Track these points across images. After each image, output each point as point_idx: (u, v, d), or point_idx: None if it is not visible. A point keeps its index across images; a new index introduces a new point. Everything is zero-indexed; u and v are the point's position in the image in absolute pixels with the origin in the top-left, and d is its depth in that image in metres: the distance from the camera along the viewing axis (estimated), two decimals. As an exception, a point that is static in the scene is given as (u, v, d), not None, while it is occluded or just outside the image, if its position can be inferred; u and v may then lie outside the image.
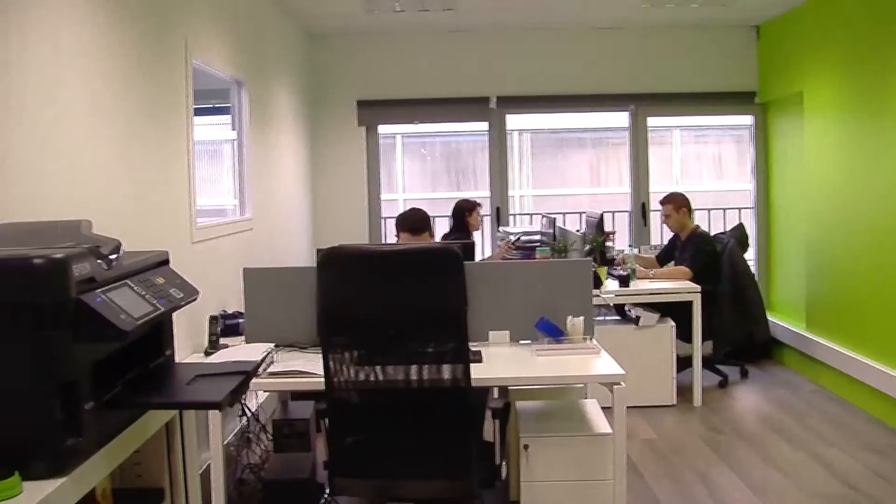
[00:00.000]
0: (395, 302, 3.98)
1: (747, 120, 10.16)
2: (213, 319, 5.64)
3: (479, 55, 9.70)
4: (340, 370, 4.03)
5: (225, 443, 4.72)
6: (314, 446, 5.27)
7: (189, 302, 3.09)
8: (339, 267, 4.04)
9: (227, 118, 7.15)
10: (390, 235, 8.31)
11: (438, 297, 3.95)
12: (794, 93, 8.92)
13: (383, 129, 10.23)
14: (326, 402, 4.12)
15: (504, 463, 5.01)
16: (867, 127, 7.44)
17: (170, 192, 5.29)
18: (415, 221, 6.49)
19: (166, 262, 3.17)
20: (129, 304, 2.63)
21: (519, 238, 8.44)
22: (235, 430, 5.34)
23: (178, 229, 5.40)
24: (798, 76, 8.81)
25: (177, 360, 3.30)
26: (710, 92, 9.82)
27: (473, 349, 4.51)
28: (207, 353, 5.47)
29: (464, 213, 8.55)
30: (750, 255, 9.52)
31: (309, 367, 4.45)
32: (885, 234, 7.16)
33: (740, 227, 9.07)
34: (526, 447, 4.58)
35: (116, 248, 2.80)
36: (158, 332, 3.10)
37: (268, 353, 4.68)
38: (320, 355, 4.05)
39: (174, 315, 3.10)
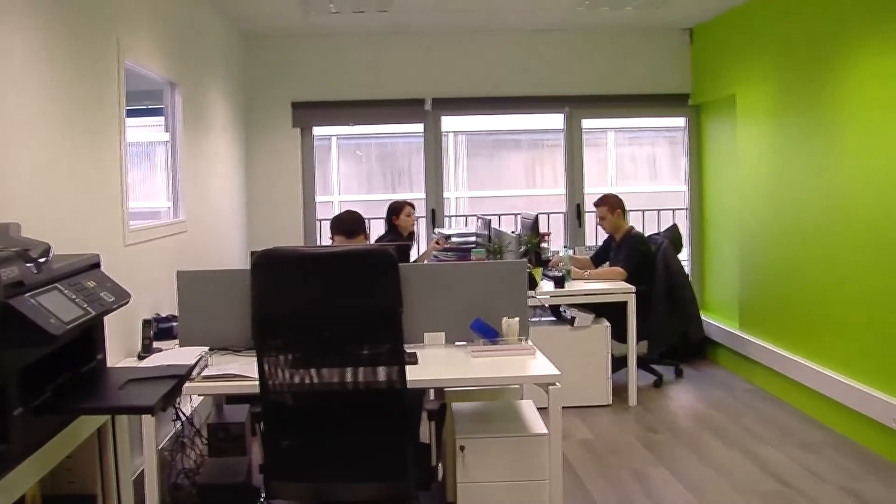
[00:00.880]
0: (329, 304, 3.96)
1: (681, 122, 10.25)
2: (146, 323, 5.59)
3: (414, 57, 9.69)
4: (275, 373, 4.00)
5: (159, 448, 4.67)
6: (250, 450, 5.23)
7: (121, 305, 3.06)
8: (272, 269, 4.01)
9: (160, 120, 7.08)
10: (326, 237, 8.27)
11: (373, 299, 3.94)
12: (726, 95, 9.02)
13: (318, 130, 10.17)
14: (261, 406, 4.08)
15: (440, 464, 5.01)
16: (798, 129, 7.54)
17: (102, 194, 5.22)
18: (349, 224, 6.46)
19: (97, 265, 3.14)
20: (59, 308, 2.60)
21: (449, 236, 8.44)
22: (170, 435, 5.29)
23: (110, 232, 5.33)
24: (731, 79, 8.91)
25: (109, 364, 3.27)
26: (645, 94, 9.90)
27: (409, 351, 4.50)
28: (141, 358, 5.42)
29: (391, 215, 8.52)
30: (684, 256, 9.61)
31: (243, 370, 4.42)
32: (815, 235, 7.26)
33: (674, 228, 9.15)
34: (462, 448, 4.59)
35: (46, 252, 2.76)
36: (89, 337, 3.07)
37: (201, 357, 4.64)
38: (255, 358, 4.02)
39: (106, 319, 3.07)
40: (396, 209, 8.51)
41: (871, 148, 6.47)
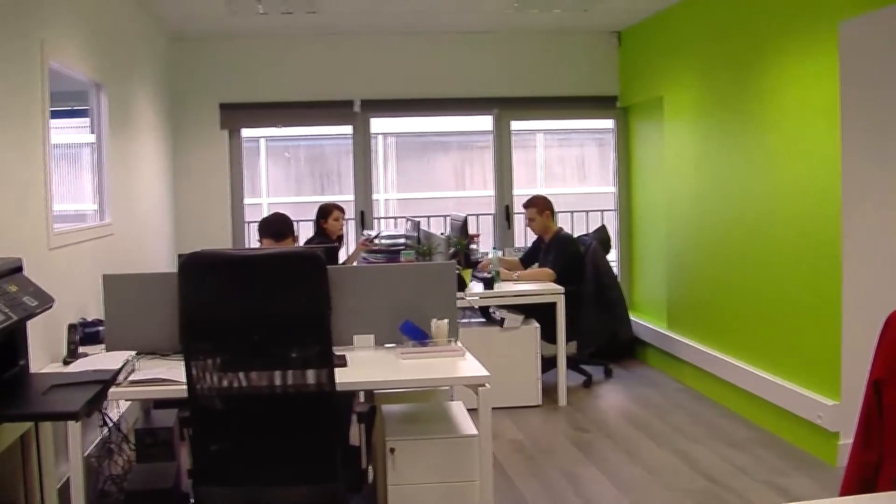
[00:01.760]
0: (257, 307, 3.94)
1: (609, 124, 10.32)
2: (71, 328, 5.50)
3: (343, 58, 9.65)
4: (203, 377, 3.97)
5: (85, 454, 4.62)
6: (178, 455, 5.18)
7: (44, 310, 3.01)
8: (200, 272, 3.98)
9: (86, 121, 6.99)
10: (254, 240, 8.22)
11: (301, 302, 3.93)
12: (654, 98, 9.11)
13: (247, 132, 10.11)
14: (190, 410, 4.05)
15: (370, 467, 5.01)
16: (723, 131, 7.64)
17: (25, 196, 5.14)
18: (277, 227, 6.42)
19: (19, 269, 3.10)
20: (-21, 314, 2.56)
21: (378, 235, 8.43)
22: (96, 441, 5.23)
23: (33, 235, 5.25)
24: (658, 81, 9.00)
25: (33, 370, 3.22)
26: (573, 96, 9.95)
27: (338, 353, 4.49)
28: (66, 363, 5.33)
29: (319, 217, 8.48)
30: (612, 257, 9.69)
31: (171, 374, 4.37)
32: (740, 236, 7.35)
33: (603, 229, 9.23)
34: (392, 450, 4.58)
35: (-34, 256, 2.72)
36: (11, 342, 3.02)
37: (128, 362, 4.59)
38: (183, 362, 3.98)
39: (29, 324, 3.03)
40: (325, 212, 8.47)
41: (792, 149, 6.57)
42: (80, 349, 5.50)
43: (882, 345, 3.20)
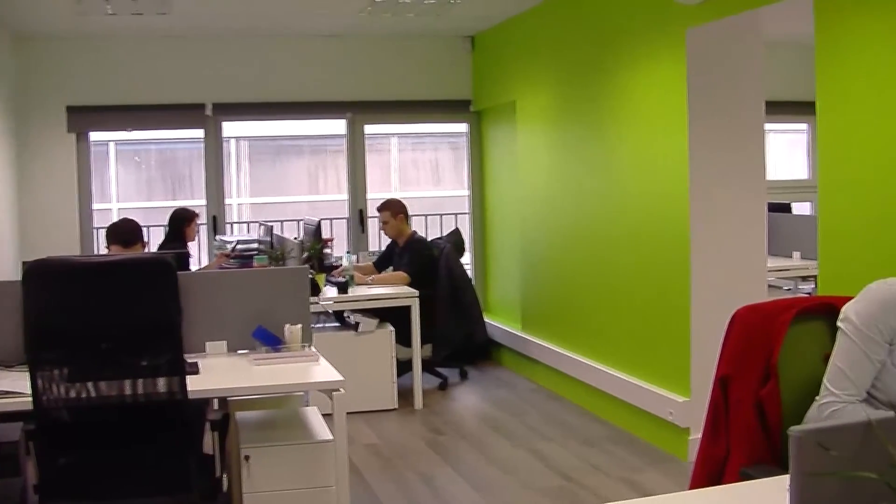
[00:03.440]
0: (105, 315, 3.85)
1: (463, 128, 10.39)
2: None
3: (194, 61, 9.49)
4: (50, 388, 3.86)
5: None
6: (24, 470, 5.03)
7: None
8: (46, 280, 3.88)
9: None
10: (103, 246, 8.04)
11: (151, 309, 3.86)
12: (507, 102, 9.20)
13: (95, 136, 9.86)
14: (35, 423, 3.94)
15: (225, 475, 4.94)
16: (575, 135, 7.76)
17: None
18: (126, 233, 6.30)
19: None
20: None
21: (235, 246, 8.33)
22: (-64, 457, 5.04)
23: None
24: (511, 86, 9.09)
25: None
26: (427, 100, 9.98)
27: (190, 361, 4.41)
28: None
29: (182, 223, 8.34)
30: (466, 260, 9.75)
31: (15, 386, 4.24)
32: (592, 238, 7.48)
33: (457, 232, 9.29)
34: (247, 458, 4.52)
35: None
36: None
37: (-31, 373, 4.44)
38: (27, 373, 3.87)
39: None
40: (188, 217, 8.33)
41: (642, 153, 6.71)
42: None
43: (727, 343, 3.30)
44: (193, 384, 4.05)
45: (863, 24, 4.65)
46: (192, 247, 8.60)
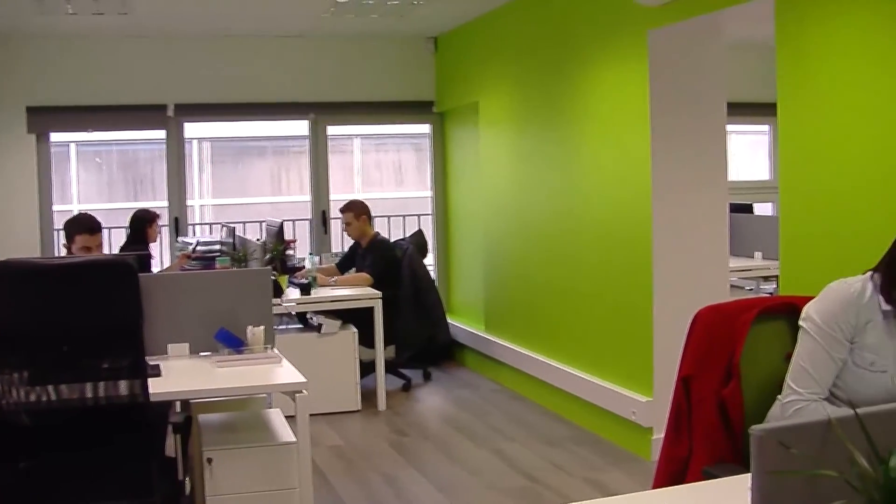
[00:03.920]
0: (66, 318, 3.82)
1: (426, 129, 10.39)
2: None
3: (156, 62, 9.42)
4: (9, 392, 3.82)
5: None
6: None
7: None
8: (5, 282, 3.84)
9: None
10: (62, 245, 7.96)
11: (112, 311, 3.83)
12: (469, 103, 9.20)
13: (56, 136, 9.78)
14: (-6, 426, 3.91)
15: (188, 478, 4.91)
16: (537, 136, 7.78)
17: None
18: (88, 221, 6.23)
19: None
20: None
21: (195, 247, 8.29)
22: None
23: None
24: (474, 87, 9.10)
25: None
26: (390, 101, 9.97)
27: (151, 363, 4.39)
28: None
29: (144, 224, 8.29)
30: (430, 261, 9.75)
31: (-26, 389, 4.21)
32: (555, 239, 7.50)
33: (419, 233, 9.28)
34: (210, 461, 4.50)
35: None
36: None
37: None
38: (-15, 377, 3.83)
39: None
40: (150, 218, 8.29)
41: (605, 154, 6.74)
42: None
43: (689, 343, 3.31)
44: (155, 387, 4.02)
45: (823, 27, 4.69)
46: (154, 248, 8.55)
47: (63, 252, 6.62)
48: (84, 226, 6.21)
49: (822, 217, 4.73)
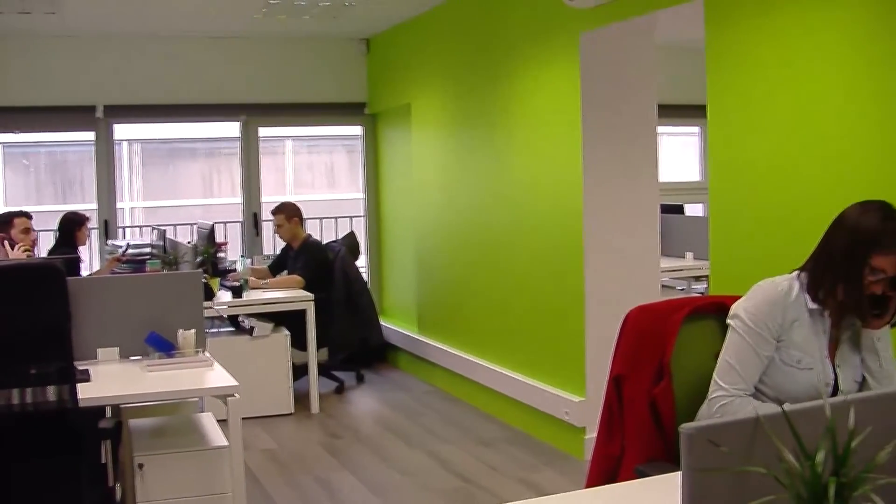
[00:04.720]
0: (-8, 322, 3.77)
1: (358, 130, 10.37)
2: None
3: (84, 62, 9.28)
4: (-67, 398, 3.77)
5: None
6: None
7: None
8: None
9: None
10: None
11: (40, 315, 3.78)
12: (402, 105, 9.20)
13: (-20, 139, 9.65)
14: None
15: (118, 484, 4.86)
16: (469, 138, 7.80)
17: None
18: (4, 216, 6.15)
19: None
20: None
21: (126, 251, 8.21)
22: None
23: None
24: (406, 89, 9.10)
25: None
26: (322, 103, 9.94)
27: (80, 368, 4.35)
28: None
29: (73, 227, 8.19)
30: (362, 262, 9.74)
31: None
32: (487, 240, 7.52)
33: (351, 235, 9.26)
34: (141, 466, 4.45)
35: None
36: None
37: None
38: None
39: None
40: (80, 221, 8.18)
41: (537, 155, 6.77)
42: None
43: (620, 342, 3.34)
44: (85, 392, 3.98)
45: (751, 29, 4.75)
46: (83, 252, 8.45)
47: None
48: (15, 213, 6.15)
49: (751, 217, 4.79)
